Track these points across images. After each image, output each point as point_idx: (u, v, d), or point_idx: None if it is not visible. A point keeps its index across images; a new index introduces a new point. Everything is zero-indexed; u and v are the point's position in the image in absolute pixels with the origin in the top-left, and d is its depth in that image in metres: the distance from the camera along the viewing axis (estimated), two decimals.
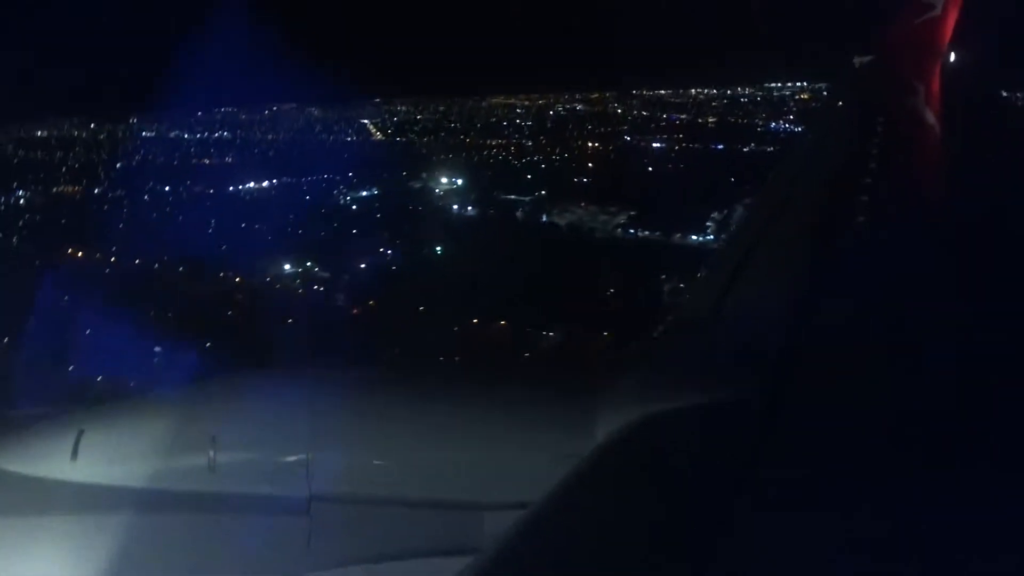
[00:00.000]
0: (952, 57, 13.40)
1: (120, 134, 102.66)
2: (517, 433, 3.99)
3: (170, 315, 39.69)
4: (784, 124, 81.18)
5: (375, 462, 4.01)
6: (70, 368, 31.04)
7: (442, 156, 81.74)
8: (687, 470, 3.25)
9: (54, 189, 72.51)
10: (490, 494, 3.84)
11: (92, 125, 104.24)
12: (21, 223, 59.86)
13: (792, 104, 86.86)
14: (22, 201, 69.40)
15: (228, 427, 4.03)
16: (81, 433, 4.02)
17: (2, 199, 68.27)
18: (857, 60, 15.49)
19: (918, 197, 7.05)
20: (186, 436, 4.03)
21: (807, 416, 3.47)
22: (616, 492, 3.30)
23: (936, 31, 13.40)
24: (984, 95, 13.76)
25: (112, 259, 49.64)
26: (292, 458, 3.95)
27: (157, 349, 31.37)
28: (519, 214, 59.81)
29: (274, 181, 72.58)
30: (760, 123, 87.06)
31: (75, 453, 3.97)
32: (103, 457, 3.99)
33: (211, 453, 3.91)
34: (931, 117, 11.19)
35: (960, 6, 13.33)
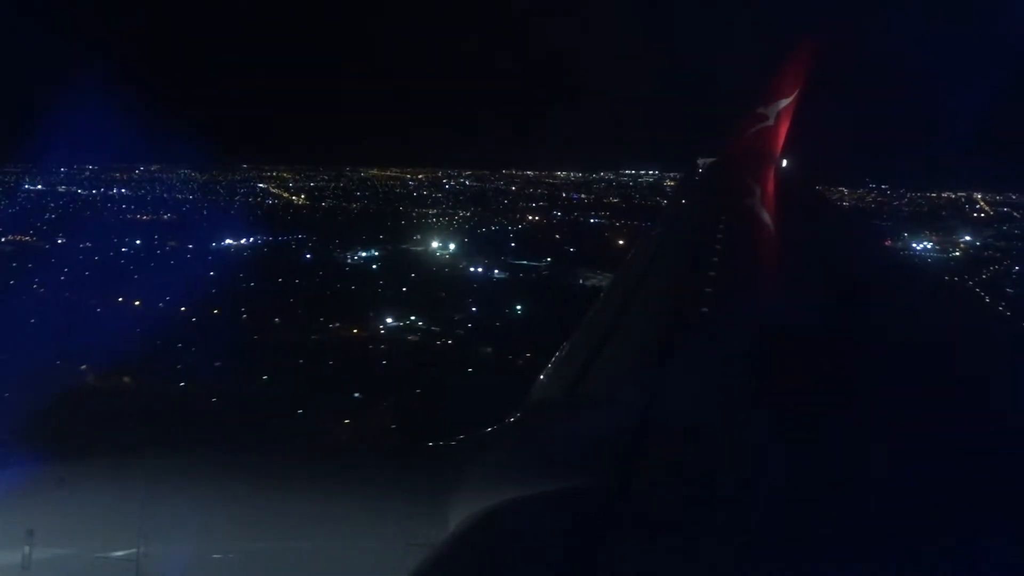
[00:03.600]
0: (784, 163, 15.05)
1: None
2: (367, 521, 3.80)
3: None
4: None
5: (213, 556, 3.68)
6: None
7: (402, 222, 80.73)
8: (536, 561, 3.24)
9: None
10: None
11: None
12: None
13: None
14: None
15: (46, 519, 3.61)
16: None
17: None
18: (701, 161, 16.90)
19: (755, 288, 7.54)
20: None
21: (655, 502, 3.50)
22: None
23: (770, 139, 14.83)
24: (812, 196, 15.47)
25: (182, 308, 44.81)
26: (119, 553, 3.55)
27: None
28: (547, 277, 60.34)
29: (252, 239, 68.31)
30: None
31: None
32: None
33: (26, 548, 3.49)
34: (766, 215, 12.35)
35: (791, 118, 14.84)
